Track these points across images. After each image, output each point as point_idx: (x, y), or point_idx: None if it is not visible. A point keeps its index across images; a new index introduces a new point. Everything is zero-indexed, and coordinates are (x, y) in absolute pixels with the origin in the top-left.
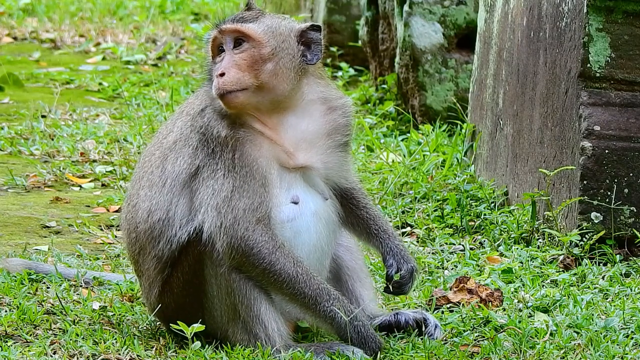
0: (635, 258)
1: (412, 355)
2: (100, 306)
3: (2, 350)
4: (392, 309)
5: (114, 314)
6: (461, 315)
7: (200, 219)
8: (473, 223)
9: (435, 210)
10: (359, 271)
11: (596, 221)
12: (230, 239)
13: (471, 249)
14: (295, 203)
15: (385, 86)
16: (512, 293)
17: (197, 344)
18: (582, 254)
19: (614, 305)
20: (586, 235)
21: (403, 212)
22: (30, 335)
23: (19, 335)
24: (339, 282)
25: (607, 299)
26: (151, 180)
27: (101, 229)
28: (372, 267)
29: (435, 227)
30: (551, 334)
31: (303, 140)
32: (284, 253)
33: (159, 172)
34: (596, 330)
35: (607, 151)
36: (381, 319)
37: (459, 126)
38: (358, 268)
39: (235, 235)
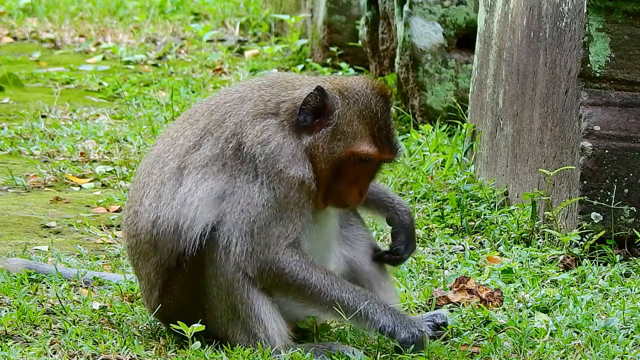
0: (635, 258)
1: (412, 356)
2: (100, 306)
3: (2, 350)
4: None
5: (114, 314)
6: (461, 315)
7: (230, 240)
8: (473, 223)
9: (435, 210)
10: (378, 274)
11: (596, 221)
12: (260, 263)
13: (471, 249)
14: None
15: None
16: (512, 293)
17: (197, 344)
18: (582, 254)
19: (614, 305)
20: (586, 235)
21: None
22: (30, 335)
23: (19, 335)
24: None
25: (607, 299)
26: (160, 192)
27: (101, 229)
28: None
29: (435, 227)
30: (551, 334)
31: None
32: (315, 267)
33: (171, 185)
34: (596, 330)
35: (607, 151)
36: None
37: (459, 126)
38: (376, 271)
39: (266, 260)
